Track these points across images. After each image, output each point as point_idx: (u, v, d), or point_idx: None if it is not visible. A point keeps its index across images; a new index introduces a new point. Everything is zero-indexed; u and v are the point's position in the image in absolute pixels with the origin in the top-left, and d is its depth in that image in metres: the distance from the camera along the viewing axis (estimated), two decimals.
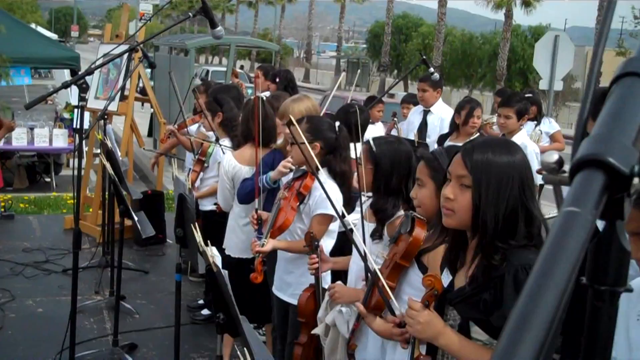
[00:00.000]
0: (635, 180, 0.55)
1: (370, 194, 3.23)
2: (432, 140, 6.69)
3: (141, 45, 5.25)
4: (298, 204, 3.73)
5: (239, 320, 2.65)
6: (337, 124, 3.82)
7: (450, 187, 2.15)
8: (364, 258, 2.78)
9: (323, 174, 3.66)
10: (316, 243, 3.36)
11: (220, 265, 2.81)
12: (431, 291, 2.24)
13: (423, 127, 7.15)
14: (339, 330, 3.02)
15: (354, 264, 3.18)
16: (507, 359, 0.43)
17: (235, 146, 4.97)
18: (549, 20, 42.86)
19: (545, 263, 0.47)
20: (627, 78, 0.64)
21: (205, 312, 5.85)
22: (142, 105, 14.64)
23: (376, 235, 3.06)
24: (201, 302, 6.06)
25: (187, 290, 6.39)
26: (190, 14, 4.05)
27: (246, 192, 4.29)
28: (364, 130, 5.20)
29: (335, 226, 3.89)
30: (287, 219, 3.70)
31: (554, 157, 0.59)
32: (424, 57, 6.54)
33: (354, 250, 2.98)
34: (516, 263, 1.98)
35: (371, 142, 3.17)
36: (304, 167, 3.79)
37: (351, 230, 2.89)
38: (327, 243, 3.83)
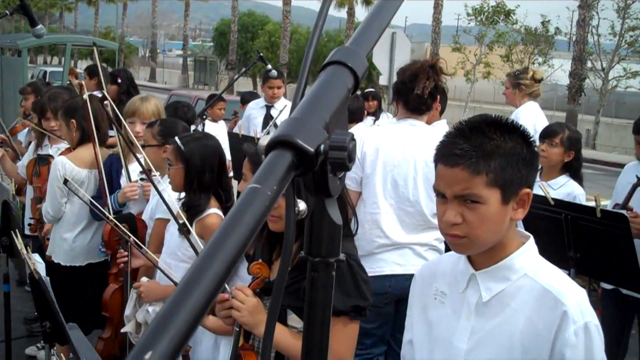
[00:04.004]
0: (322, 158, 0.61)
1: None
2: None
3: None
4: None
5: (65, 327, 2.58)
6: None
7: None
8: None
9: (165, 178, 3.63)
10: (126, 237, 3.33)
11: (43, 273, 2.73)
12: (259, 278, 2.28)
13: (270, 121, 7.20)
14: None
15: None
16: (167, 318, 0.47)
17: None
18: None
19: (219, 234, 0.52)
20: (331, 66, 0.70)
21: None
22: None
23: (184, 230, 3.04)
24: None
25: (24, 302, 6.10)
26: (7, 12, 3.84)
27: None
28: (190, 125, 5.22)
29: None
30: None
31: (266, 140, 0.64)
32: (261, 54, 6.61)
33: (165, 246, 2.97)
34: None
35: (178, 141, 3.13)
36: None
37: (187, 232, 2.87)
38: None
